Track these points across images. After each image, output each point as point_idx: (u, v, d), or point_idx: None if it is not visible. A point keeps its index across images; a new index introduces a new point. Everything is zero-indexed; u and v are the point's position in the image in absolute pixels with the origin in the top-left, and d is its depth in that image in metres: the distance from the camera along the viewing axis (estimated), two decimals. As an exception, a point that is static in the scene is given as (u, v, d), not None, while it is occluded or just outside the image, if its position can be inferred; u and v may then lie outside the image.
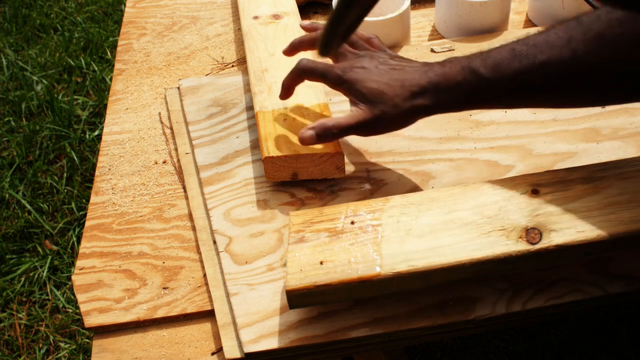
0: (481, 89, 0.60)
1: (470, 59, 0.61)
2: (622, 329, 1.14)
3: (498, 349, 1.14)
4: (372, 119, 0.63)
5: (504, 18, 0.91)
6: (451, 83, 0.61)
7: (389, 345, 0.60)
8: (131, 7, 1.07)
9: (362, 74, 0.64)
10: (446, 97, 0.62)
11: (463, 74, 0.61)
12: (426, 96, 0.62)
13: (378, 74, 0.64)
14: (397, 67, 0.65)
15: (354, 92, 0.64)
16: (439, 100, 0.62)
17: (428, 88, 0.62)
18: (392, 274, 0.54)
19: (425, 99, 0.62)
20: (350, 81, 0.64)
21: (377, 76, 0.64)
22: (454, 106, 0.63)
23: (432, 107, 0.63)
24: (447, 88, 0.61)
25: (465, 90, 0.61)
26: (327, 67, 0.66)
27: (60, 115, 1.76)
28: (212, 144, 0.77)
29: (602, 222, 0.56)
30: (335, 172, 0.69)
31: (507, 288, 0.61)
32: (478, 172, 0.71)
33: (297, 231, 0.59)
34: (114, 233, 0.71)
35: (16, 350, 1.28)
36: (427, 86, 0.62)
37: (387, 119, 0.63)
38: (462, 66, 0.61)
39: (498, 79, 0.59)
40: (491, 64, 0.60)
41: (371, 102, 0.63)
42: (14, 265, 1.43)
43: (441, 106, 0.63)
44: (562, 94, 0.60)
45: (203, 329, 0.62)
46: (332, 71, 0.66)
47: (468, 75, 0.60)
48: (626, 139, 0.73)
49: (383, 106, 0.62)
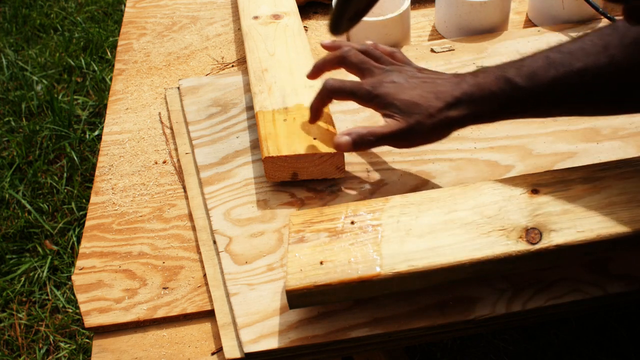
0: (517, 99, 0.60)
1: (504, 69, 0.61)
2: (622, 329, 1.14)
3: (498, 349, 1.14)
4: (407, 129, 0.62)
5: (504, 18, 0.91)
6: (486, 93, 0.61)
7: (389, 345, 0.60)
8: (131, 7, 1.07)
9: (393, 88, 0.63)
10: (481, 107, 0.61)
11: (498, 84, 0.60)
12: (461, 107, 0.61)
13: (410, 87, 0.63)
14: (427, 79, 0.64)
15: (387, 106, 0.63)
16: (473, 111, 0.61)
17: (462, 99, 0.61)
18: (392, 274, 0.54)
19: (460, 110, 0.61)
20: (382, 96, 0.63)
21: (409, 89, 0.63)
22: (488, 117, 0.63)
23: (467, 118, 0.62)
24: (481, 98, 0.61)
25: (501, 100, 0.60)
26: (355, 85, 0.65)
27: (60, 115, 1.76)
28: (212, 144, 0.77)
29: (602, 222, 0.56)
30: (335, 172, 0.69)
31: (507, 288, 0.61)
32: (478, 172, 0.71)
33: (297, 231, 0.59)
34: (114, 233, 0.71)
35: (16, 350, 1.28)
36: (461, 97, 0.61)
37: (422, 129, 0.62)
38: (496, 76, 0.61)
39: (534, 88, 0.59)
40: (526, 72, 0.59)
41: (406, 113, 0.62)
42: (14, 265, 1.43)
43: (476, 117, 0.62)
44: (600, 101, 0.60)
45: (203, 329, 0.62)
46: (361, 88, 0.64)
47: (503, 85, 0.60)
48: (626, 139, 0.74)
49: (418, 116, 0.61)
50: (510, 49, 0.87)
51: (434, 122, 0.61)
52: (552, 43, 0.87)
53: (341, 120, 0.79)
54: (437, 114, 0.61)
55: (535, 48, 0.86)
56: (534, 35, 0.89)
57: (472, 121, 0.63)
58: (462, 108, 0.61)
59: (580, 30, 0.89)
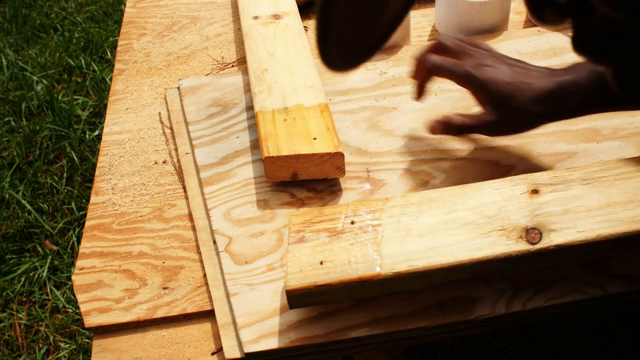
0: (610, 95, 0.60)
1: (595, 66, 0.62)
2: (622, 329, 1.14)
3: (498, 349, 1.14)
4: (497, 122, 0.64)
5: (504, 18, 0.91)
6: (578, 87, 0.62)
7: (389, 345, 0.60)
8: (131, 7, 1.07)
9: (491, 72, 0.65)
10: (572, 102, 0.63)
11: (589, 79, 0.61)
12: (553, 101, 0.63)
13: (506, 75, 0.64)
14: (523, 69, 0.65)
15: (483, 92, 0.65)
16: (565, 105, 0.63)
17: (555, 93, 0.62)
18: (392, 274, 0.54)
19: (553, 103, 0.63)
20: (481, 80, 0.64)
21: (506, 77, 0.64)
22: (579, 111, 0.64)
23: (558, 112, 0.64)
24: (574, 92, 0.62)
25: (594, 95, 0.62)
26: (456, 64, 0.66)
27: (60, 115, 1.76)
28: (212, 144, 0.77)
29: (602, 222, 0.56)
30: (335, 172, 0.69)
31: (507, 288, 0.61)
32: (478, 172, 0.71)
33: (297, 231, 0.59)
34: (114, 233, 0.71)
35: (16, 350, 1.28)
36: (554, 91, 0.62)
37: (512, 121, 0.64)
38: (588, 71, 0.62)
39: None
40: None
41: (499, 104, 0.64)
42: (14, 265, 1.43)
43: (567, 111, 0.64)
44: None
45: (203, 329, 0.62)
46: (461, 68, 0.66)
47: (594, 80, 0.61)
48: (626, 139, 0.74)
49: (509, 109, 0.63)
50: (510, 49, 0.87)
51: (525, 116, 0.63)
52: (552, 43, 0.88)
53: (341, 120, 0.79)
54: (529, 107, 0.63)
55: (536, 48, 0.87)
56: (534, 35, 0.89)
57: (562, 115, 0.64)
58: (555, 102, 0.63)
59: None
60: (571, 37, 0.44)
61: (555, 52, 0.86)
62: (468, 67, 0.66)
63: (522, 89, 0.63)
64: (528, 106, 0.63)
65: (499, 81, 0.64)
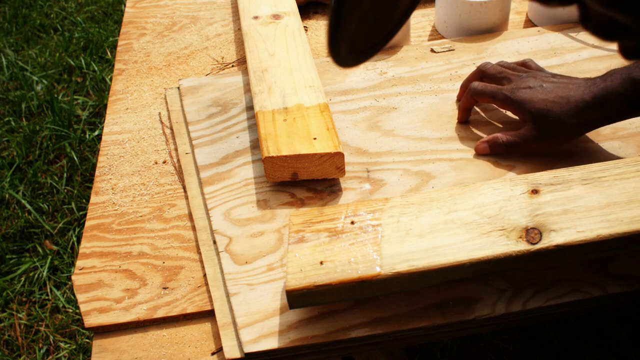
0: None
1: (630, 70, 0.65)
2: (622, 329, 1.14)
3: (498, 349, 1.14)
4: (539, 137, 0.69)
5: (504, 18, 0.91)
6: (614, 95, 0.65)
7: (389, 345, 0.60)
8: (131, 7, 1.07)
9: (529, 93, 0.69)
10: (610, 109, 0.66)
11: (625, 85, 0.64)
12: (591, 110, 0.66)
13: (543, 93, 0.69)
14: (560, 84, 0.69)
15: (523, 112, 0.70)
16: (603, 113, 0.66)
17: (592, 103, 0.66)
18: (392, 274, 0.54)
19: (591, 113, 0.66)
20: (519, 101, 0.70)
21: (542, 95, 0.69)
22: (618, 117, 0.67)
23: (597, 120, 0.67)
24: (610, 100, 0.65)
25: (628, 101, 0.64)
26: (495, 89, 0.72)
27: (60, 115, 1.76)
28: (212, 144, 0.77)
29: (602, 222, 0.56)
30: (335, 172, 0.69)
31: (507, 288, 0.61)
32: (478, 172, 0.71)
33: (297, 231, 0.59)
34: (114, 233, 0.71)
35: (16, 350, 1.28)
36: (591, 101, 0.66)
37: (554, 135, 0.68)
38: (624, 78, 0.65)
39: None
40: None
41: (539, 121, 0.68)
42: (14, 265, 1.43)
43: (606, 118, 0.67)
44: None
45: (203, 329, 0.62)
46: (501, 92, 0.71)
47: (630, 86, 0.64)
48: (626, 139, 0.74)
49: (550, 124, 0.68)
50: (510, 49, 0.87)
51: (565, 128, 0.67)
52: (552, 43, 0.88)
53: (341, 120, 0.79)
54: (569, 120, 0.67)
55: (536, 48, 0.87)
56: (534, 35, 0.89)
57: (602, 122, 0.67)
58: (593, 111, 0.66)
59: (580, 30, 0.89)
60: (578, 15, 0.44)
61: (555, 52, 0.86)
62: (506, 92, 0.71)
63: (560, 103, 0.67)
64: (567, 119, 0.67)
65: (536, 100, 0.69)
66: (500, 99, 0.72)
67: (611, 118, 0.67)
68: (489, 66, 0.76)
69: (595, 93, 0.66)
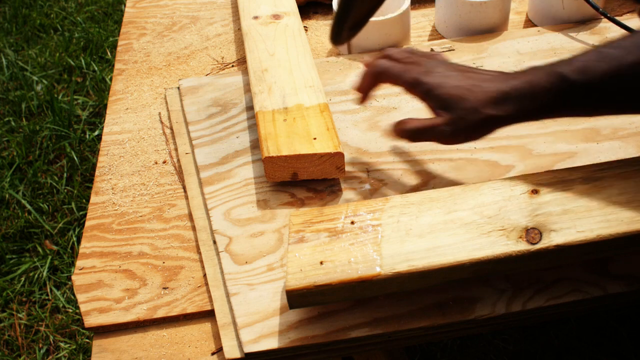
0: (570, 94, 0.58)
1: (554, 65, 0.59)
2: (622, 329, 1.14)
3: (498, 349, 1.14)
4: (450, 125, 0.61)
5: (504, 18, 0.91)
6: (537, 89, 0.59)
7: (389, 345, 0.60)
8: (131, 7, 1.07)
9: (441, 77, 0.62)
10: (531, 104, 0.59)
11: (549, 78, 0.59)
12: (509, 103, 0.59)
13: (457, 79, 0.62)
14: (474, 73, 0.63)
15: (433, 97, 0.62)
16: (522, 108, 0.60)
17: (511, 94, 0.59)
18: (392, 274, 0.54)
19: (508, 105, 0.59)
20: (429, 85, 0.62)
21: (456, 81, 0.61)
22: (537, 114, 0.61)
23: (515, 115, 0.60)
24: (532, 94, 0.59)
25: (552, 96, 0.59)
26: (403, 69, 0.64)
27: (60, 115, 1.76)
28: (212, 144, 0.77)
29: (602, 222, 0.56)
30: (335, 172, 0.69)
31: (507, 288, 0.61)
32: (478, 172, 0.71)
33: (297, 231, 0.59)
34: (114, 233, 0.71)
35: (16, 350, 1.28)
36: (510, 92, 0.59)
37: (466, 125, 0.60)
38: (547, 72, 0.59)
39: (586, 82, 0.57)
40: (578, 67, 0.58)
41: (451, 108, 0.60)
42: (14, 265, 1.43)
43: (524, 114, 0.60)
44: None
45: (203, 329, 0.62)
46: (409, 73, 0.63)
47: (555, 80, 0.58)
48: (626, 139, 0.74)
49: (463, 112, 0.60)
50: (510, 49, 0.87)
51: (479, 119, 0.60)
52: (552, 43, 0.88)
53: (341, 120, 0.79)
54: (484, 110, 0.60)
55: (536, 48, 0.87)
56: (534, 35, 0.89)
57: (519, 118, 0.61)
58: (510, 104, 0.60)
59: (580, 30, 0.89)
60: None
61: (556, 52, 0.86)
62: (415, 73, 0.63)
63: (474, 91, 0.60)
64: (481, 109, 0.59)
65: (448, 85, 0.61)
66: (407, 80, 0.63)
67: (532, 114, 0.60)
68: (395, 51, 0.67)
69: (514, 85, 0.59)
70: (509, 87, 0.60)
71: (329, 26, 0.97)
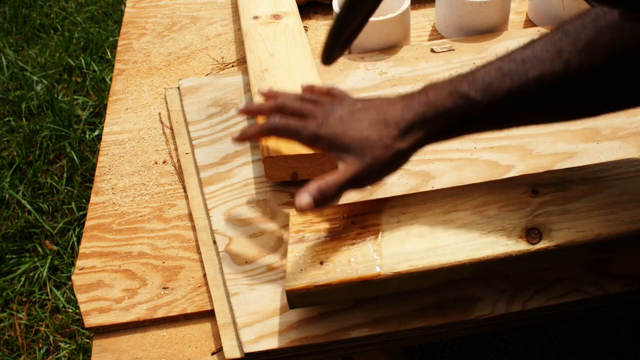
0: (474, 113, 0.56)
1: (455, 83, 0.57)
2: (622, 329, 1.14)
3: (498, 349, 1.14)
4: (365, 169, 0.56)
5: (504, 18, 0.91)
6: (440, 110, 0.56)
7: (389, 345, 0.60)
8: (131, 7, 1.07)
9: (339, 125, 0.58)
10: (436, 126, 0.57)
11: (452, 99, 0.56)
12: (415, 130, 0.57)
13: (356, 120, 0.58)
14: (372, 106, 0.59)
15: (335, 148, 0.58)
16: (429, 131, 0.57)
17: (415, 120, 0.57)
18: (392, 274, 0.54)
19: (415, 133, 0.57)
20: (329, 136, 0.58)
21: (356, 122, 0.58)
22: (446, 134, 0.58)
23: (424, 139, 0.57)
24: (435, 116, 0.57)
25: (456, 117, 0.57)
26: (299, 126, 0.59)
27: (60, 115, 1.76)
28: (212, 144, 0.77)
29: (602, 222, 0.56)
30: (335, 172, 0.69)
31: (507, 288, 0.61)
32: (478, 172, 0.71)
33: (297, 231, 0.59)
34: (114, 233, 0.71)
35: (16, 350, 1.28)
36: (413, 119, 0.57)
37: (380, 164, 0.57)
38: (449, 91, 0.57)
39: (491, 100, 0.55)
40: (481, 85, 0.56)
41: (359, 152, 0.57)
42: (14, 265, 1.43)
43: (433, 136, 0.58)
44: (559, 107, 0.57)
45: (203, 329, 0.62)
46: (305, 130, 0.59)
47: (457, 100, 0.56)
48: (626, 139, 0.73)
49: (373, 152, 0.56)
50: (511, 49, 0.87)
51: (391, 153, 0.57)
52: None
53: (341, 120, 0.79)
54: (393, 144, 0.56)
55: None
56: (534, 35, 0.89)
57: (429, 141, 0.58)
58: (417, 131, 0.57)
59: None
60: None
61: (555, 52, 0.86)
62: (312, 128, 0.59)
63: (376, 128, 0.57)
64: (389, 143, 0.56)
65: (349, 130, 0.57)
66: (305, 137, 0.59)
67: (440, 135, 0.58)
68: (288, 102, 0.62)
69: (416, 110, 0.57)
70: (410, 113, 0.57)
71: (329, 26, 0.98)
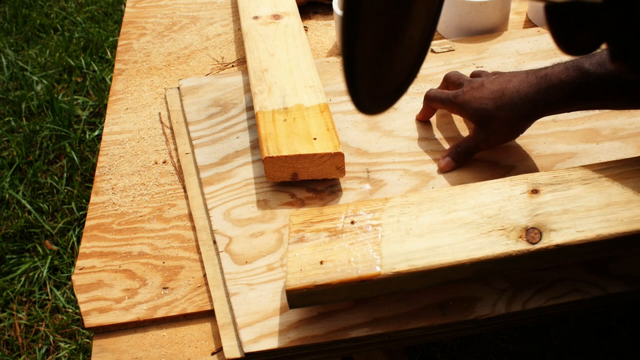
0: (587, 84, 0.62)
1: (578, 60, 0.63)
2: (622, 329, 1.14)
3: (498, 349, 1.14)
4: (485, 136, 0.68)
5: (504, 18, 0.91)
6: (554, 82, 0.63)
7: (389, 345, 0.60)
8: (131, 7, 1.07)
9: (469, 94, 0.69)
10: (550, 97, 0.63)
11: (567, 72, 0.63)
12: (527, 101, 0.64)
13: (481, 91, 0.68)
14: (499, 79, 0.68)
15: (465, 114, 0.70)
16: (543, 101, 0.64)
17: (527, 92, 0.64)
18: (392, 273, 0.54)
19: (526, 104, 0.65)
20: (460, 104, 0.70)
21: (479, 93, 0.68)
22: (559, 106, 0.64)
23: (539, 110, 0.65)
24: (549, 87, 0.63)
25: (570, 87, 0.62)
26: (444, 95, 0.72)
27: (60, 115, 1.76)
28: (212, 144, 0.77)
29: (602, 222, 0.56)
30: (335, 172, 0.69)
31: (507, 288, 0.61)
32: (478, 172, 0.71)
33: (297, 231, 0.59)
34: (114, 233, 0.71)
35: (16, 350, 1.28)
36: (527, 90, 0.65)
37: (495, 132, 0.68)
38: (566, 65, 0.63)
39: (604, 73, 0.61)
40: (596, 60, 0.62)
41: (479, 121, 0.68)
42: (14, 265, 1.43)
43: (547, 107, 0.65)
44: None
45: (203, 329, 0.62)
46: (447, 98, 0.72)
47: (572, 72, 0.62)
48: (626, 139, 0.73)
49: (488, 122, 0.67)
50: (510, 49, 0.87)
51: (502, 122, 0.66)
52: (552, 43, 0.87)
53: (341, 121, 0.79)
54: (503, 114, 0.66)
55: (536, 48, 0.87)
56: (534, 35, 0.89)
57: (544, 112, 0.65)
58: (528, 102, 0.64)
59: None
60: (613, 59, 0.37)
61: (556, 52, 0.86)
62: (450, 96, 0.71)
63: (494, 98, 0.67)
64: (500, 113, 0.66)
65: (473, 99, 0.68)
66: (446, 104, 0.72)
67: (554, 106, 0.65)
68: (452, 74, 0.76)
69: (531, 82, 0.65)
70: (526, 85, 0.65)
71: (329, 26, 0.98)
